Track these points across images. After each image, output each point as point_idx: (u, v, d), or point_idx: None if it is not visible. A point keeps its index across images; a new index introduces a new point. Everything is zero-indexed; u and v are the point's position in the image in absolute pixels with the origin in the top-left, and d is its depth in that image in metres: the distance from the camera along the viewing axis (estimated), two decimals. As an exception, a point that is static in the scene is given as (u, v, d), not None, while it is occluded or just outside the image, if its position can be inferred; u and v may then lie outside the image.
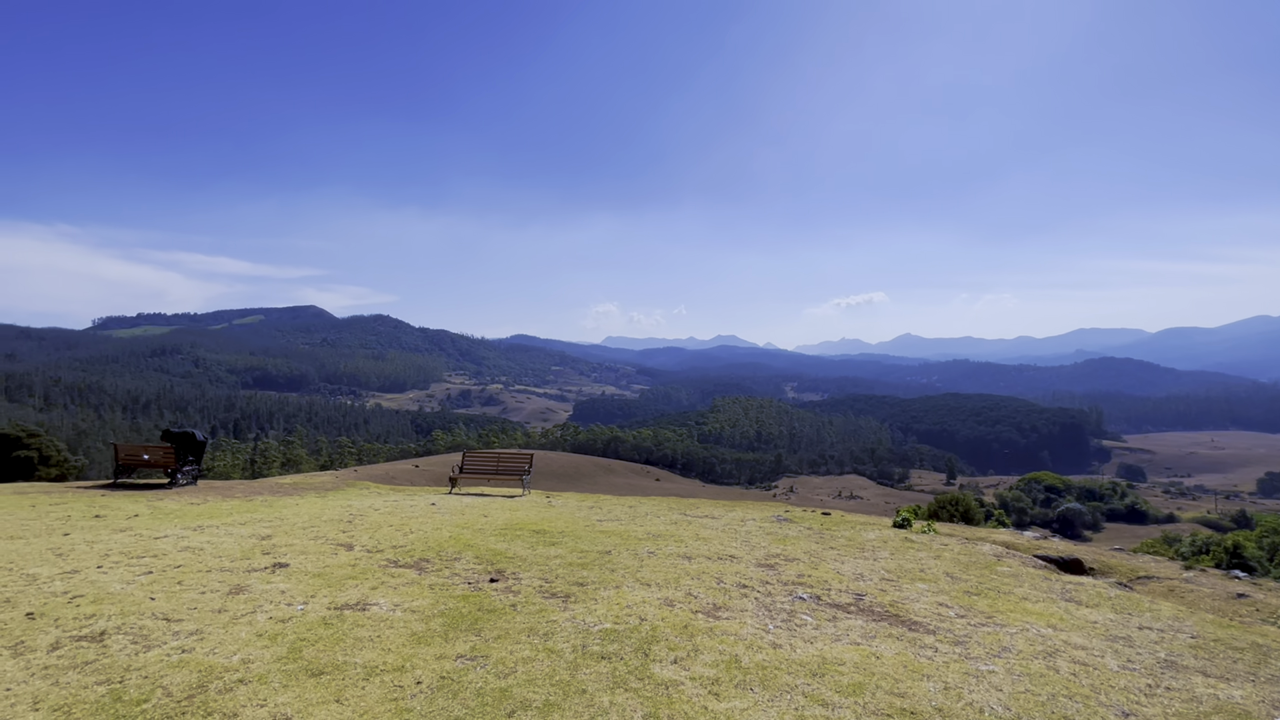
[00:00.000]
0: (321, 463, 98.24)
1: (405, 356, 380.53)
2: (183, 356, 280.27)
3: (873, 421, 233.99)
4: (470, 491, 14.32)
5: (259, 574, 6.08)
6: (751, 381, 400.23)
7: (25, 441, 38.55)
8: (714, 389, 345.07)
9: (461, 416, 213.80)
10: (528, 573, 6.49)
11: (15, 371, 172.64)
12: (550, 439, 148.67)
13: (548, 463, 79.57)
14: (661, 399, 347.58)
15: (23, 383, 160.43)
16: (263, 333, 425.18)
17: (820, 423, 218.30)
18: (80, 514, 9.47)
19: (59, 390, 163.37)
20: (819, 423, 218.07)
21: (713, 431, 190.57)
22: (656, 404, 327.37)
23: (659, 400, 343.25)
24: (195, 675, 3.83)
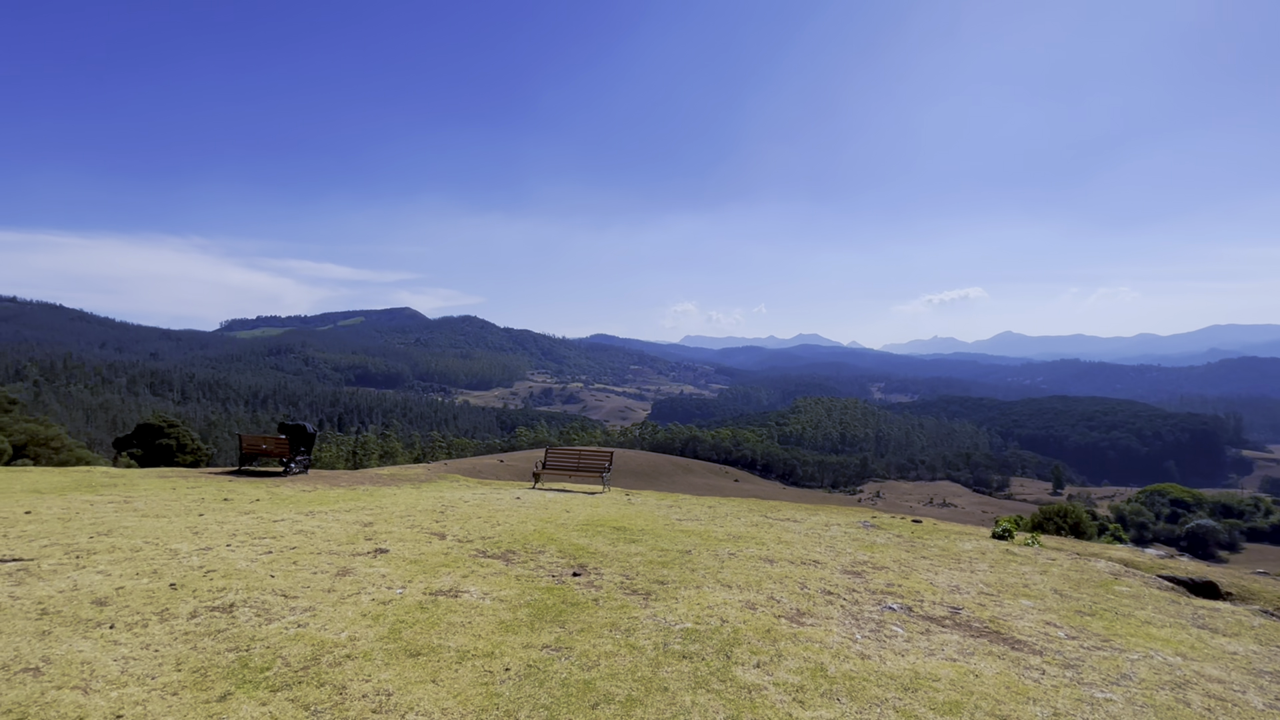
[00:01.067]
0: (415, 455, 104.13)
1: (491, 355, 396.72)
2: (294, 355, 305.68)
3: (968, 425, 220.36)
4: (552, 487, 14.72)
5: (362, 558, 6.52)
6: (835, 382, 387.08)
7: (166, 431, 43.20)
8: (795, 389, 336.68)
9: (543, 414, 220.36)
10: (609, 568, 6.58)
11: (158, 369, 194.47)
12: (629, 437, 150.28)
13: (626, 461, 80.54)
14: (740, 399, 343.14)
15: (164, 379, 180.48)
16: (363, 333, 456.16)
17: (909, 425, 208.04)
18: (211, 497, 10.53)
19: (193, 385, 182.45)
20: (908, 425, 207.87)
21: (793, 433, 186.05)
22: (735, 404, 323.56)
23: (738, 400, 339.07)
24: (309, 649, 4.16)
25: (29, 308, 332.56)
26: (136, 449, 41.89)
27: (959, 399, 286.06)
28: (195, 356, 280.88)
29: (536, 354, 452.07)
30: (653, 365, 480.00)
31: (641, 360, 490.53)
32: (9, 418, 39.43)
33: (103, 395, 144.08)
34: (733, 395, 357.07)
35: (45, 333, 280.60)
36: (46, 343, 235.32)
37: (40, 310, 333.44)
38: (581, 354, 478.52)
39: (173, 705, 3.35)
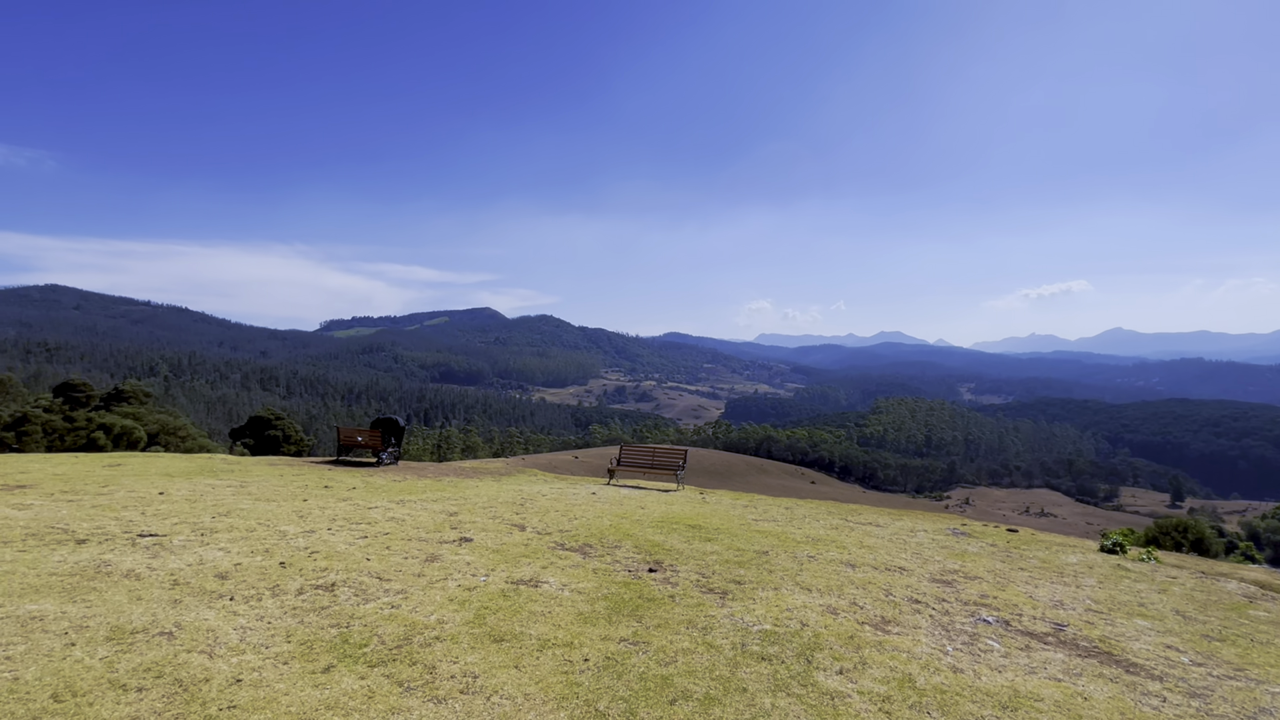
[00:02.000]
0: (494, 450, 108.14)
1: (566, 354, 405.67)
2: (385, 354, 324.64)
3: (1070, 429, 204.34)
4: (627, 484, 14.85)
5: (449, 546, 6.83)
6: (919, 381, 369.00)
7: (274, 423, 46.86)
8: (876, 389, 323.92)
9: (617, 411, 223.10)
10: (685, 566, 6.56)
11: (267, 366, 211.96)
12: (702, 436, 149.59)
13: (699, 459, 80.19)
14: (817, 399, 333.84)
15: (272, 375, 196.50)
16: (447, 332, 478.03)
17: (1003, 428, 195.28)
18: (313, 484, 11.34)
19: (296, 381, 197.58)
20: (1001, 428, 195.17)
21: (874, 434, 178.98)
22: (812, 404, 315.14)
23: (815, 400, 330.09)
24: (402, 629, 4.39)
25: (160, 311, 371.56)
26: (249, 438, 45.82)
27: (1060, 401, 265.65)
28: (298, 355, 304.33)
29: (610, 352, 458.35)
30: (726, 364, 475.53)
31: (715, 359, 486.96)
32: (144, 409, 44.07)
33: (221, 390, 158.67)
34: (809, 395, 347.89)
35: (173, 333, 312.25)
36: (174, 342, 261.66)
37: (169, 313, 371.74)
38: (654, 352, 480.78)
39: (284, 673, 3.62)
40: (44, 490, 8.97)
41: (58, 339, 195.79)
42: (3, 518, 6.93)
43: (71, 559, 5.47)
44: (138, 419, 40.89)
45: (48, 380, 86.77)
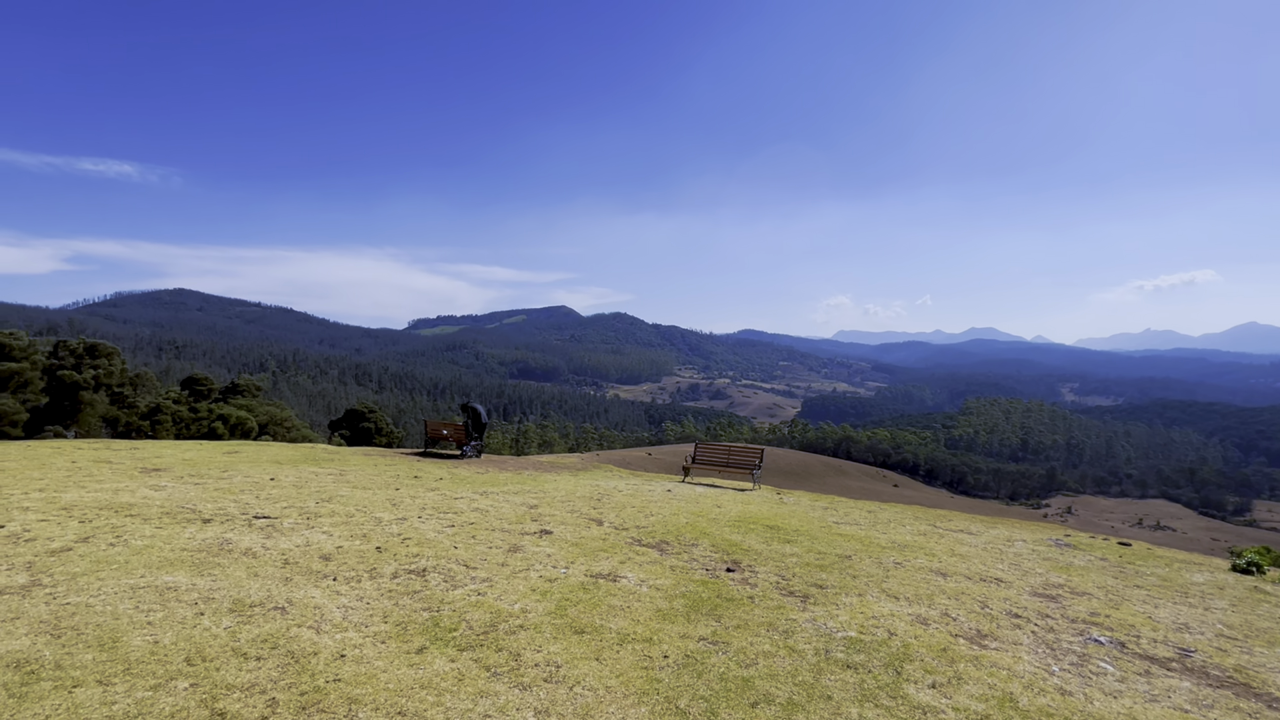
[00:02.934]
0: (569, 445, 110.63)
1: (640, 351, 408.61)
2: (467, 351, 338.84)
3: (1192, 434, 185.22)
4: (702, 482, 14.77)
5: (530, 537, 7.02)
6: (1014, 381, 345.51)
7: (367, 416, 49.77)
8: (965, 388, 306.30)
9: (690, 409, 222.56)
10: (763, 567, 6.44)
11: (360, 362, 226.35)
12: (777, 435, 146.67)
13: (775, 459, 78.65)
14: (900, 398, 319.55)
15: (365, 371, 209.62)
16: (524, 330, 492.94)
17: (1111, 433, 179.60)
18: (404, 474, 11.98)
19: (387, 377, 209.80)
20: (1109, 432, 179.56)
21: (963, 436, 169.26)
22: (894, 403, 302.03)
23: (897, 399, 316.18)
24: (488, 615, 4.55)
25: (269, 311, 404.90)
26: (345, 430, 49.08)
27: (1180, 403, 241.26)
28: (388, 352, 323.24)
29: (684, 350, 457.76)
30: (803, 361, 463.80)
31: (791, 356, 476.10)
32: (256, 401, 48.10)
33: (320, 384, 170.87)
34: (891, 394, 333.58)
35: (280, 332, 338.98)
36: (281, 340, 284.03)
37: (276, 313, 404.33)
38: (728, 350, 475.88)
39: (382, 652, 3.84)
40: (175, 474, 9.96)
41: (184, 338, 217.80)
42: (143, 498, 7.75)
43: (199, 536, 6.03)
44: (250, 411, 44.72)
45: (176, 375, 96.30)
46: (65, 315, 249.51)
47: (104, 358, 40.38)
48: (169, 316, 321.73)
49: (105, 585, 4.51)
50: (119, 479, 9.05)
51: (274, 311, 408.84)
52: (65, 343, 41.45)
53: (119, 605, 4.15)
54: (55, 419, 37.99)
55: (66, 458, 11.05)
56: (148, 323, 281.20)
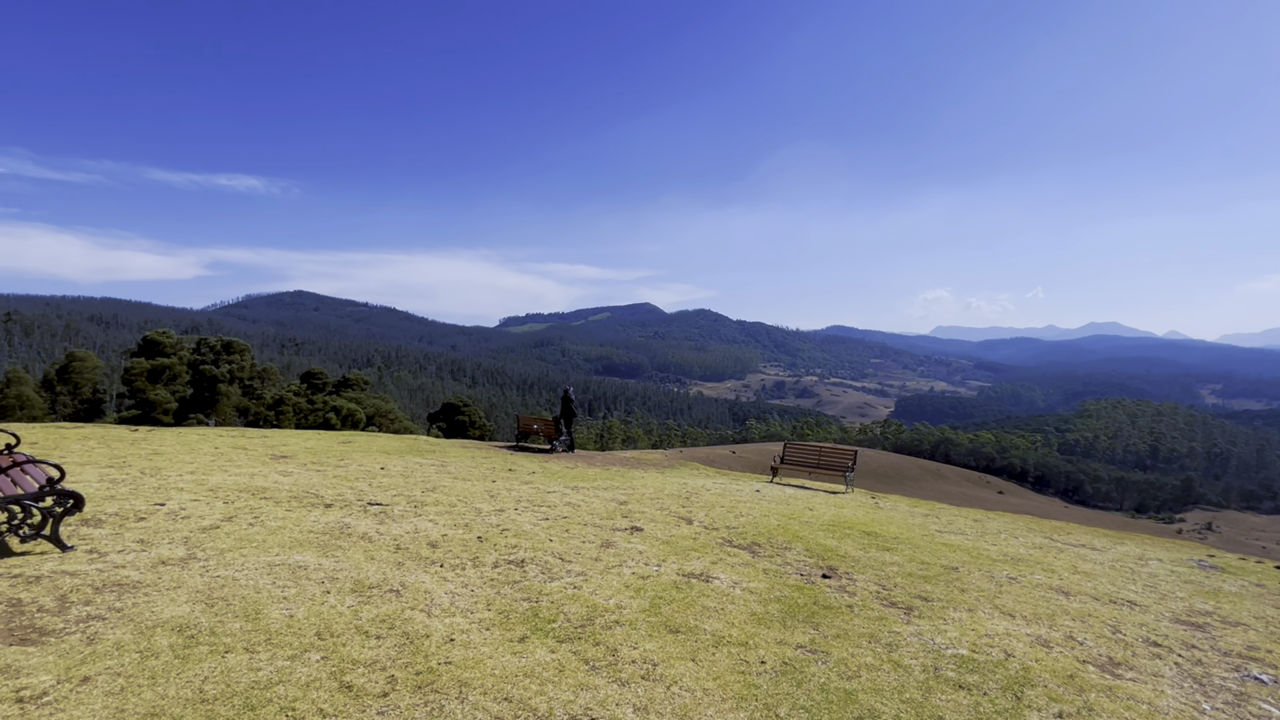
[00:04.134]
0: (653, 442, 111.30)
1: (724, 348, 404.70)
2: (554, 348, 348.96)
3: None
4: (791, 483, 14.41)
5: (621, 533, 7.11)
6: (1142, 381, 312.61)
7: (462, 409, 52.33)
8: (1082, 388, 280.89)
9: (775, 407, 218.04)
10: (862, 575, 6.18)
11: (455, 358, 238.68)
12: (869, 436, 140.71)
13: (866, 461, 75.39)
14: (1006, 398, 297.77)
15: (460, 367, 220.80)
16: (609, 327, 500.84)
17: (1264, 440, 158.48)
18: (499, 467, 12.49)
19: (480, 372, 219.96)
20: (1261, 440, 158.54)
21: (1080, 441, 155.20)
22: (999, 404, 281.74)
23: (1003, 400, 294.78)
24: (584, 609, 4.65)
25: (375, 311, 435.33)
26: (442, 422, 51.91)
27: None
28: (481, 348, 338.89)
29: (769, 346, 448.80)
30: (896, 359, 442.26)
31: (883, 353, 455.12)
32: (364, 395, 51.78)
33: (420, 379, 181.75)
34: (996, 394, 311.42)
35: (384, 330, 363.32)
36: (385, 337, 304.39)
37: (381, 313, 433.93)
38: (816, 346, 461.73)
39: (487, 638, 4.01)
40: (299, 461, 10.90)
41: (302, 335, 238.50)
42: (274, 482, 8.53)
43: (322, 520, 6.57)
44: (359, 403, 48.24)
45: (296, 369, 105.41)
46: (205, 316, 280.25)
47: (237, 354, 44.88)
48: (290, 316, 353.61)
49: (247, 561, 5.00)
50: (254, 464, 10.03)
51: (379, 311, 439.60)
52: (205, 340, 46.43)
53: (259, 580, 4.58)
54: (198, 408, 42.60)
55: (210, 444, 12.37)
56: (272, 321, 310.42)
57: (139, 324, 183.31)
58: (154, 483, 7.84)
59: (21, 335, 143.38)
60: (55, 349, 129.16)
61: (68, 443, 11.16)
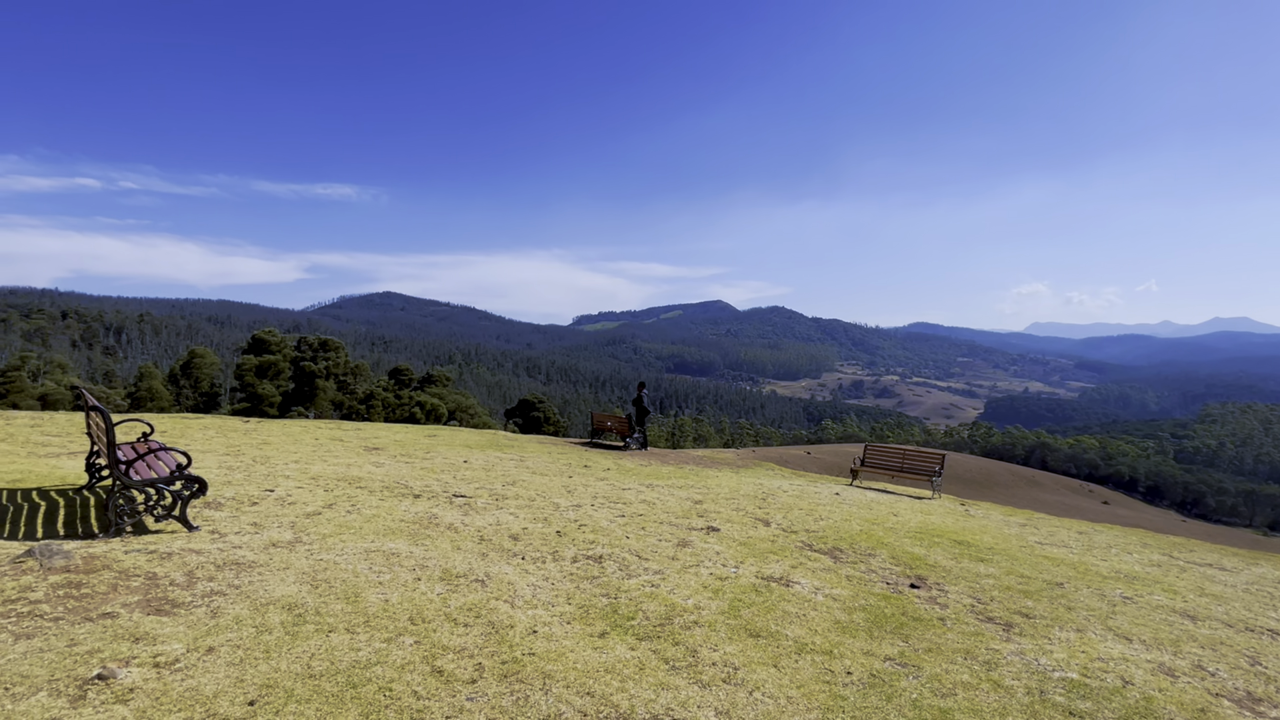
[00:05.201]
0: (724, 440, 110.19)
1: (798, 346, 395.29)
2: (626, 345, 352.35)
3: None
4: (872, 486, 13.86)
5: (698, 533, 7.06)
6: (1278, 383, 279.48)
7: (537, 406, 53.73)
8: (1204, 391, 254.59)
9: (853, 407, 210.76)
10: (954, 586, 5.84)
11: (530, 356, 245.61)
12: (955, 439, 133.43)
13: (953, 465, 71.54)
14: (1113, 401, 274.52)
15: (535, 364, 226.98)
16: (680, 325, 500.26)
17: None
18: (574, 463, 12.71)
19: (554, 370, 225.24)
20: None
21: (1201, 449, 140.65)
22: (1105, 406, 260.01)
23: (1108, 402, 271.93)
24: (663, 608, 4.64)
25: (456, 310, 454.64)
26: (518, 418, 53.52)
27: None
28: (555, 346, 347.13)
29: (846, 344, 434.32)
30: (986, 357, 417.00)
31: (971, 351, 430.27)
32: (446, 390, 54.14)
33: (497, 376, 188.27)
34: (1101, 396, 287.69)
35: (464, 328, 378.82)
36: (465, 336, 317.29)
37: (462, 312, 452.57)
38: (897, 344, 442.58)
39: (568, 632, 4.07)
40: (390, 453, 11.52)
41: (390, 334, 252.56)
42: (368, 473, 9.05)
43: (412, 510, 6.90)
44: (441, 399, 50.52)
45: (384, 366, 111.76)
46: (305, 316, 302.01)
47: (332, 351, 48.02)
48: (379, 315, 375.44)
49: (346, 546, 5.31)
50: (349, 455, 10.68)
51: (460, 310, 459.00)
52: (305, 338, 49.94)
53: (357, 565, 4.86)
54: (299, 401, 45.92)
55: (311, 435, 13.29)
56: (363, 321, 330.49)
57: (248, 323, 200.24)
58: (264, 470, 8.50)
59: (152, 334, 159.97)
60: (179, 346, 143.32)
61: (191, 432, 12.30)
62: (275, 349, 46.20)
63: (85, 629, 3.43)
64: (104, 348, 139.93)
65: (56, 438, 9.98)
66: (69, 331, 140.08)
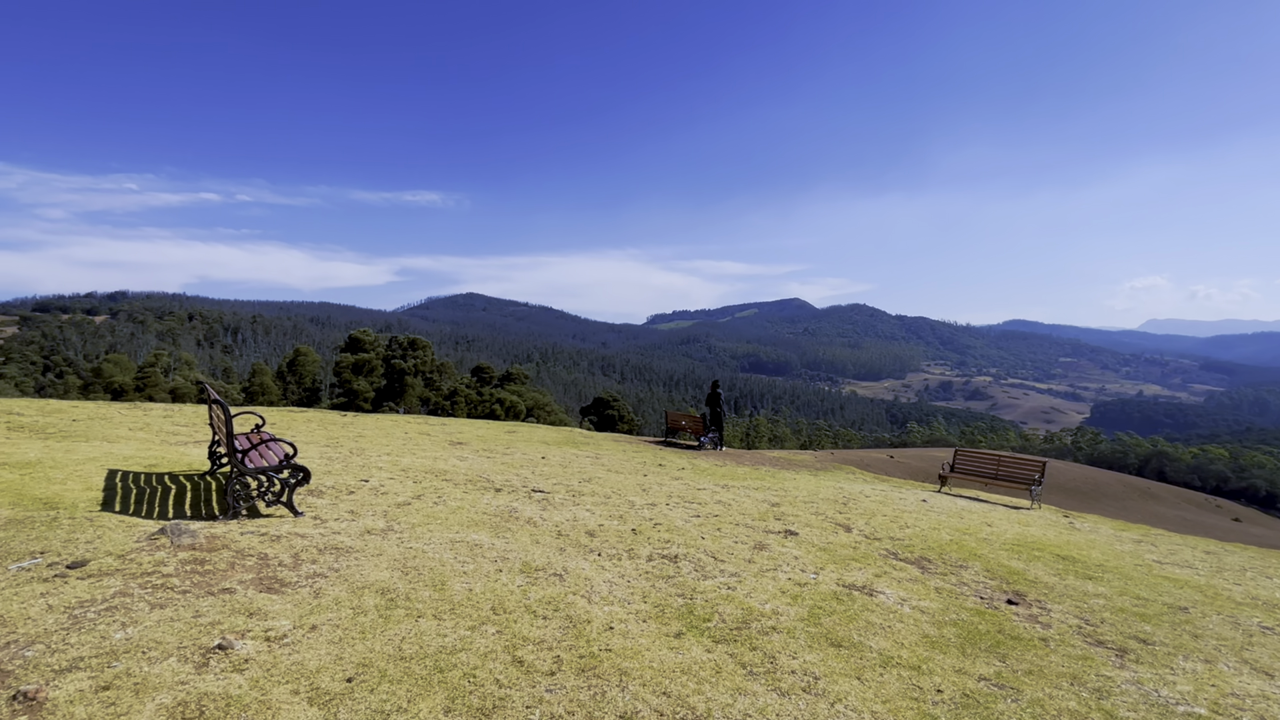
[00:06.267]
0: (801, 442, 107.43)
1: (881, 345, 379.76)
2: (699, 345, 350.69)
3: None
4: (962, 494, 13.09)
5: (774, 536, 6.90)
6: None
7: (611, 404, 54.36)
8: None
9: (940, 409, 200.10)
10: (1058, 605, 5.41)
11: (605, 355, 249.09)
12: (1057, 445, 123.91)
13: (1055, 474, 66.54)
14: (1247, 406, 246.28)
15: (609, 363, 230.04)
16: (756, 324, 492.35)
17: None
18: (649, 461, 12.76)
19: (628, 369, 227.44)
20: None
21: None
22: (1236, 412, 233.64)
23: (1241, 407, 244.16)
24: (740, 611, 4.56)
25: (534, 310, 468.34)
26: (593, 416, 54.38)
27: None
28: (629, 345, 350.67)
29: (933, 343, 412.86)
30: (1093, 357, 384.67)
31: (1076, 351, 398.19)
32: (524, 388, 55.79)
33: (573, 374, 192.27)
34: (1232, 401, 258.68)
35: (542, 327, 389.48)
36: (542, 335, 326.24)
37: (539, 312, 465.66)
38: (990, 343, 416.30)
39: (644, 630, 4.08)
40: (473, 448, 12.00)
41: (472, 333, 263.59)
42: (452, 466, 9.46)
43: (494, 503, 7.14)
44: (520, 396, 52.13)
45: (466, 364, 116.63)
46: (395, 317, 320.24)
47: (420, 350, 50.60)
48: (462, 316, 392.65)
49: (433, 536, 5.57)
50: (436, 449, 11.21)
51: (537, 310, 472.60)
52: (396, 338, 52.85)
53: (443, 554, 5.08)
54: (389, 397, 48.68)
55: (401, 429, 14.06)
56: (448, 321, 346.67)
57: (345, 324, 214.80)
58: (359, 461, 9.06)
59: (263, 334, 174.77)
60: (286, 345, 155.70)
61: (296, 424, 13.30)
62: (369, 348, 49.27)
63: (208, 602, 3.77)
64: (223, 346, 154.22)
65: (184, 427, 11.07)
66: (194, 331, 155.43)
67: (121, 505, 5.55)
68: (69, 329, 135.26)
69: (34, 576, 3.86)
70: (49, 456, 7.28)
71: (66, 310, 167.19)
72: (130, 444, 8.82)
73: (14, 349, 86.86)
